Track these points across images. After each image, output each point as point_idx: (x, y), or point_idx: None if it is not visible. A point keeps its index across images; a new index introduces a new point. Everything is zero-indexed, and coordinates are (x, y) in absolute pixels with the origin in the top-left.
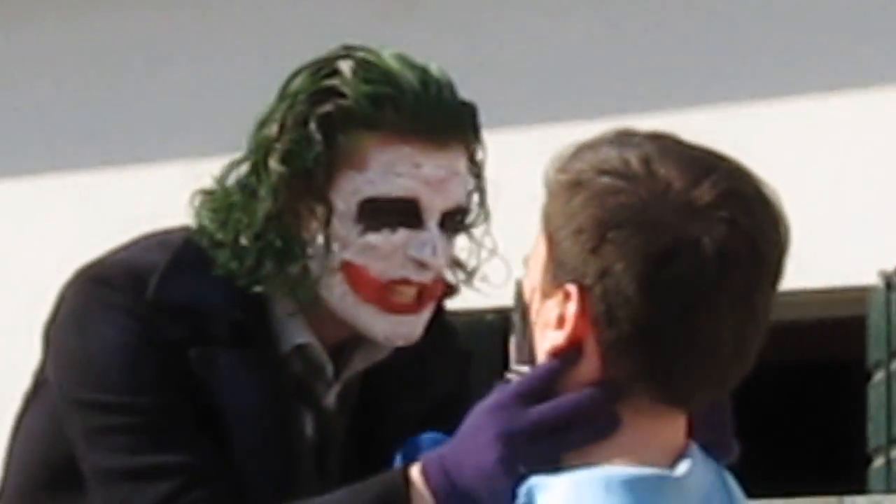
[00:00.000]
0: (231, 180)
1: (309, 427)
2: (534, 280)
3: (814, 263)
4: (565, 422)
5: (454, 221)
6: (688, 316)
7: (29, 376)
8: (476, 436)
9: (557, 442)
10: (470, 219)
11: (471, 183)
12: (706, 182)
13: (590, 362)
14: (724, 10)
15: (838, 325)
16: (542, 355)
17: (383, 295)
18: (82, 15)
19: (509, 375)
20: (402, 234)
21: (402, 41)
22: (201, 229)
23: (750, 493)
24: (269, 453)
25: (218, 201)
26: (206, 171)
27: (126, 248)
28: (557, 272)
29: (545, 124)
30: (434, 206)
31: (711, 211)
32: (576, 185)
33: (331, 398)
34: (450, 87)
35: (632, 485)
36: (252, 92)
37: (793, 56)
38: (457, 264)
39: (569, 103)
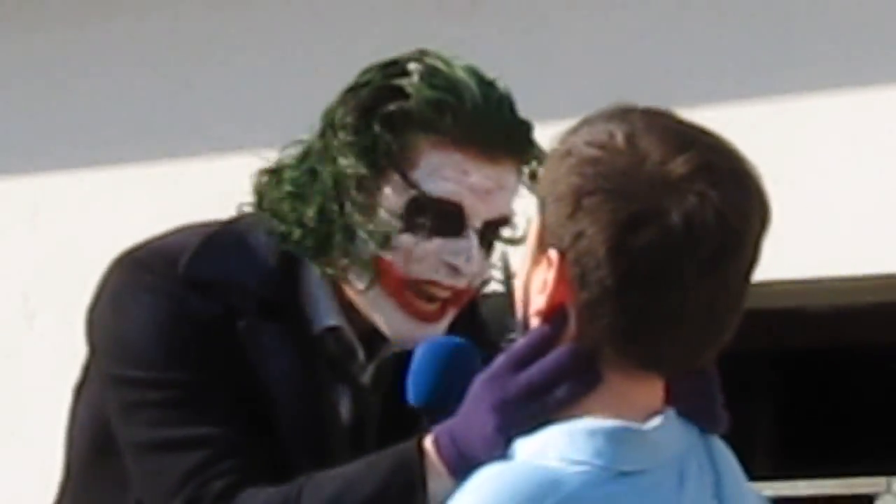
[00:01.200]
0: (295, 161)
1: (345, 403)
2: (528, 248)
3: (865, 251)
4: (550, 381)
5: (495, 231)
6: (654, 282)
7: None
8: (477, 406)
9: (546, 401)
10: (518, 233)
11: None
12: (682, 156)
13: (572, 325)
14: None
15: (879, 309)
16: (532, 320)
17: (406, 293)
18: (157, 9)
19: (505, 344)
20: (435, 242)
21: (467, 38)
22: (275, 209)
23: (800, 474)
24: (304, 424)
25: (283, 180)
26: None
27: (164, 235)
28: (543, 238)
29: None
30: (478, 214)
31: (683, 183)
32: (565, 155)
33: (366, 378)
34: (510, 104)
35: (593, 434)
36: (321, 85)
37: (840, 50)
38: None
39: (624, 95)
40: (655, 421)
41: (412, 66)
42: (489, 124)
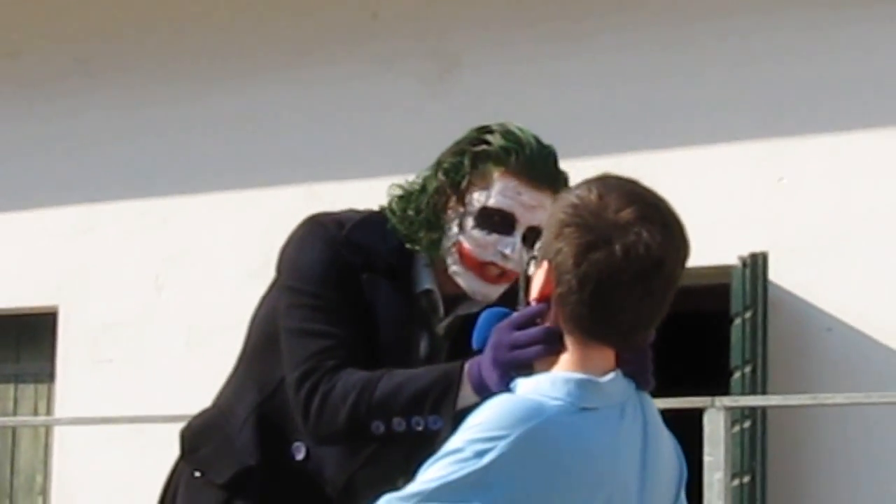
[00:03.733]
0: (415, 179)
1: (424, 342)
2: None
3: (705, 251)
4: (527, 342)
5: (533, 236)
6: (598, 287)
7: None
8: (489, 346)
9: (524, 353)
10: None
11: None
12: (629, 209)
13: (553, 308)
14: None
15: (714, 288)
16: (534, 302)
17: (479, 268)
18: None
19: (518, 308)
20: (493, 237)
21: (441, 105)
22: (390, 204)
23: (654, 394)
24: (396, 349)
25: (404, 190)
26: (319, 192)
27: (340, 211)
28: (542, 251)
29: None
30: (523, 221)
31: (628, 226)
32: (560, 200)
33: (441, 329)
34: (553, 157)
35: (567, 381)
36: (339, 138)
37: (691, 119)
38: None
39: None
40: (609, 376)
41: (495, 128)
42: (538, 165)
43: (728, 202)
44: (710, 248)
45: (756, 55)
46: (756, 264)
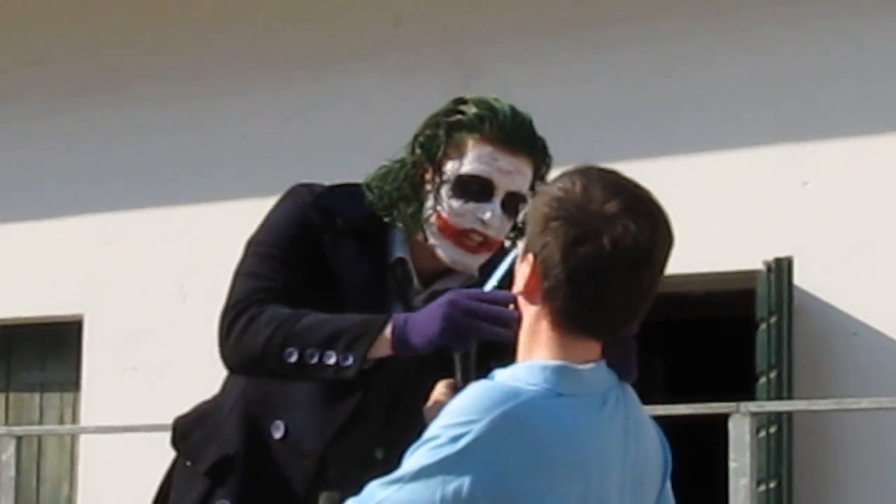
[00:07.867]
0: (396, 157)
1: (399, 312)
2: (520, 251)
3: (730, 256)
4: (486, 317)
5: (513, 202)
6: (588, 280)
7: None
8: (435, 310)
9: (483, 325)
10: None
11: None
12: (615, 200)
13: (538, 302)
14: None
15: (739, 293)
16: (518, 296)
17: (458, 237)
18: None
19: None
20: (471, 205)
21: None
22: (368, 181)
23: (680, 400)
24: (367, 311)
25: (384, 166)
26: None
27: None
28: (527, 245)
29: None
30: (501, 186)
31: (614, 218)
32: (544, 194)
33: (418, 302)
34: (529, 123)
35: (544, 368)
36: (362, 146)
37: (704, 125)
38: (510, 233)
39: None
40: (589, 365)
41: (470, 98)
42: (512, 130)
43: (752, 207)
44: (734, 253)
45: (779, 59)
46: (781, 269)
